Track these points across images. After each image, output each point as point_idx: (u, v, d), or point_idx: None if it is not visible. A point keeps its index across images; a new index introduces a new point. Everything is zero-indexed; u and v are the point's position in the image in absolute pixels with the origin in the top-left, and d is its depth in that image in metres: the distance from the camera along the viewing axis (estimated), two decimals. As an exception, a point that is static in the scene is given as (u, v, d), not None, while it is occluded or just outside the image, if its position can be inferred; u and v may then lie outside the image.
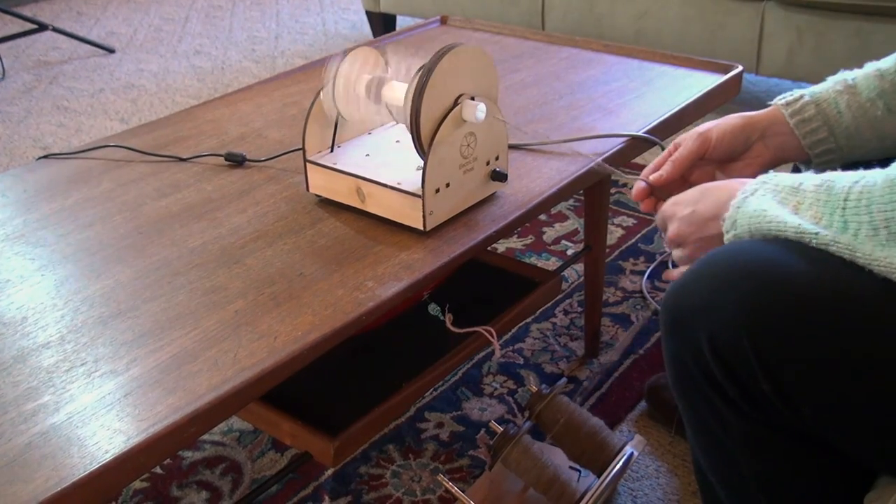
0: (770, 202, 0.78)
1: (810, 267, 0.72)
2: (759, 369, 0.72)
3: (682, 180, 1.00)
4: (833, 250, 0.73)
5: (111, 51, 3.45)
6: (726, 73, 1.43)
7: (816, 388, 0.70)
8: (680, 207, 0.88)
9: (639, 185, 1.00)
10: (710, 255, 0.77)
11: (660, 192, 1.00)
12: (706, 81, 1.41)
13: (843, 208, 0.73)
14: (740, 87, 1.45)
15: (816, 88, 0.98)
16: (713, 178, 1.01)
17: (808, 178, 0.78)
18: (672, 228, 0.89)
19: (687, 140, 0.99)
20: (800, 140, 0.98)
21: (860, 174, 0.75)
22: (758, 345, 0.71)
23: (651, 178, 1.00)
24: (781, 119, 0.98)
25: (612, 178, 1.10)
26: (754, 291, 0.71)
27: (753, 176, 0.97)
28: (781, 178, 0.80)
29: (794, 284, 0.71)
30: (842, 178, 0.75)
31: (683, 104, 1.32)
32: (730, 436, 0.79)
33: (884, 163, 0.75)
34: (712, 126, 0.99)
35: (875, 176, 0.73)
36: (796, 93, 0.99)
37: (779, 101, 0.99)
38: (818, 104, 0.97)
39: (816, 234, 0.74)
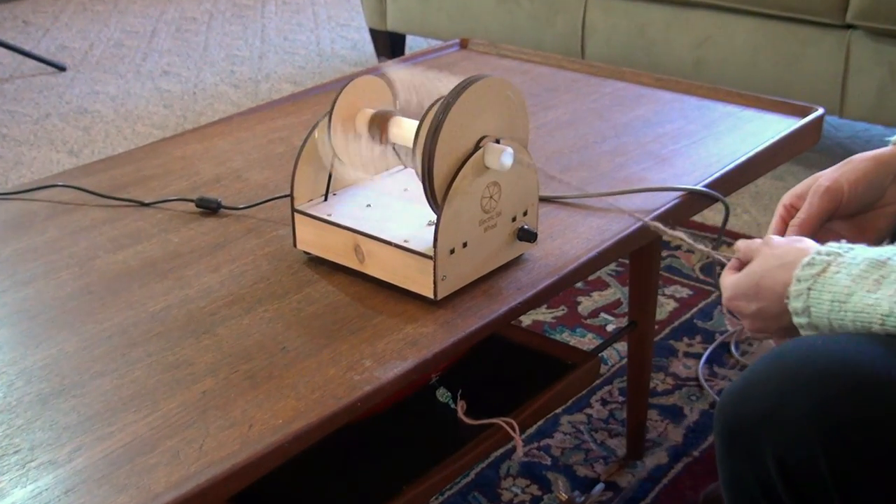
0: (848, 281, 0.79)
1: None
2: (837, 494, 0.71)
3: None
4: None
5: (62, 68, 3.51)
6: (804, 115, 1.44)
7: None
8: (742, 304, 0.89)
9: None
10: (777, 350, 0.78)
11: None
12: (780, 126, 1.42)
13: None
14: (821, 133, 1.47)
15: None
16: (840, 238, 1.01)
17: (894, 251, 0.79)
18: (747, 325, 0.91)
19: (812, 198, 0.97)
20: None
21: None
22: (836, 464, 0.71)
23: None
24: None
25: (667, 240, 1.10)
26: (833, 397, 0.71)
27: (886, 228, 0.98)
28: (858, 251, 0.81)
29: (884, 387, 0.71)
30: None
31: (752, 153, 1.33)
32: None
33: None
34: (837, 175, 0.98)
35: None
36: None
37: None
38: None
39: None
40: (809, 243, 0.87)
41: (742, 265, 0.95)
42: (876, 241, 1.01)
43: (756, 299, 0.88)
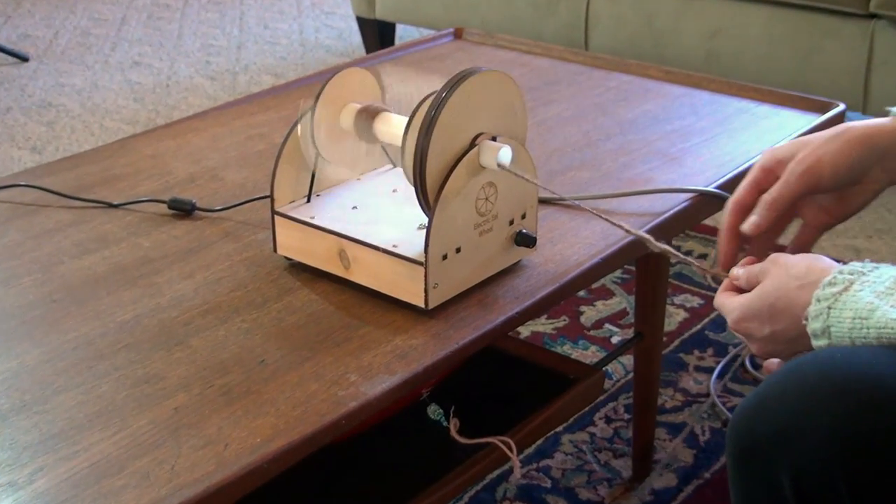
0: (872, 297, 0.79)
1: None
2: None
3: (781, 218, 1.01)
4: None
5: (24, 59, 3.51)
6: (824, 112, 1.45)
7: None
8: (753, 326, 0.89)
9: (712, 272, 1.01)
10: (793, 363, 0.78)
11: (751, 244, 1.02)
12: (798, 123, 1.43)
13: None
14: (842, 130, 1.47)
15: None
16: (816, 206, 1.02)
17: None
18: (756, 349, 0.91)
19: (791, 174, 0.99)
20: None
21: None
22: (856, 486, 0.71)
23: (743, 227, 1.00)
24: None
25: (677, 245, 1.11)
26: (853, 413, 0.72)
27: (865, 203, 0.99)
28: (884, 270, 0.81)
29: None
30: None
31: (767, 152, 1.33)
32: None
33: None
34: (821, 153, 0.98)
35: None
36: None
37: None
38: None
39: None
40: (829, 262, 0.87)
41: (735, 287, 0.96)
42: (850, 213, 1.03)
43: (770, 322, 0.88)
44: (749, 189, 1.02)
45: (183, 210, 1.22)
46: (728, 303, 0.94)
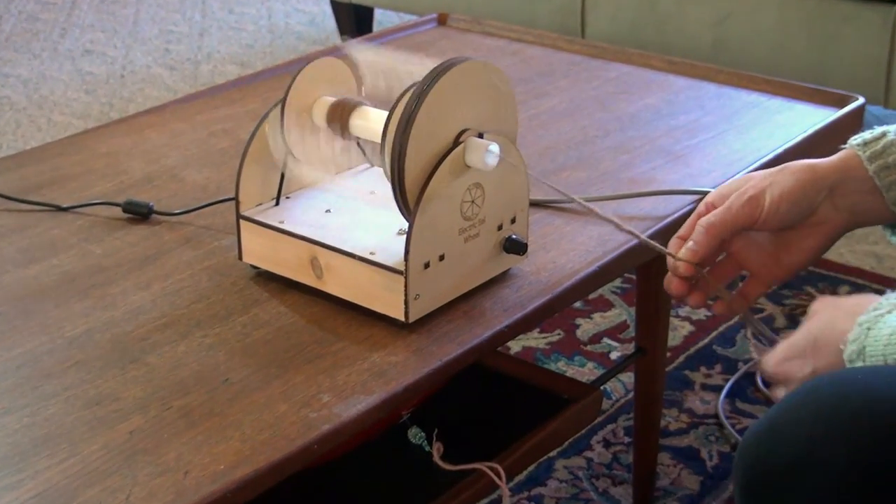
0: None
1: None
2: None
3: (718, 250, 1.03)
4: None
5: (-37, 47, 3.50)
6: (841, 105, 1.45)
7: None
8: (794, 366, 0.89)
9: (676, 266, 1.02)
10: (810, 384, 0.78)
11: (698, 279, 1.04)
12: (813, 118, 1.43)
13: None
14: (861, 125, 1.47)
15: None
16: (762, 251, 1.04)
17: None
18: (791, 390, 0.91)
19: (733, 202, 1.01)
20: (883, 195, 1.00)
21: None
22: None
23: (680, 253, 1.02)
24: (858, 167, 1.01)
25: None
26: (874, 442, 0.72)
27: (817, 249, 1.00)
28: None
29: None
30: None
31: (780, 150, 1.34)
32: None
33: None
34: (766, 184, 1.01)
35: None
36: (878, 130, 1.02)
37: (855, 141, 1.02)
38: None
39: None
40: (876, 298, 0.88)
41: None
42: (799, 262, 1.05)
43: (813, 357, 0.88)
44: (690, 224, 1.05)
45: (139, 214, 1.22)
46: (771, 356, 0.94)
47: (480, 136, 1.03)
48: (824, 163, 1.02)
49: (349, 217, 1.09)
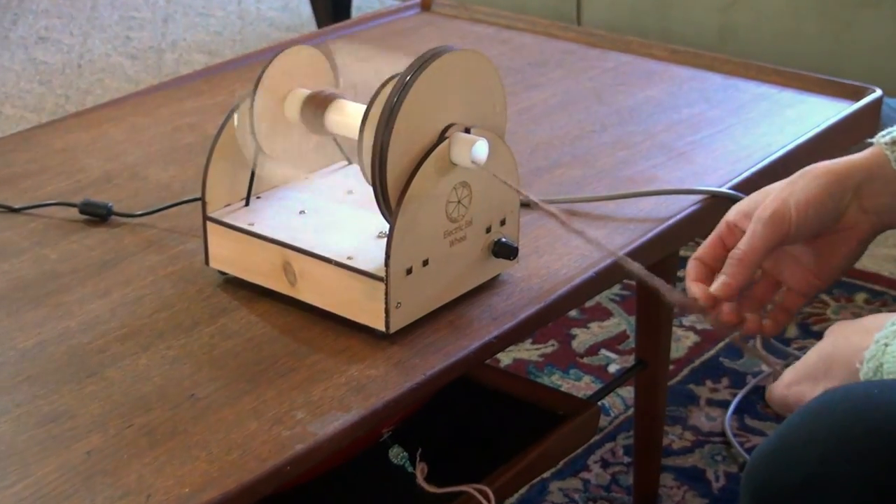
0: None
1: None
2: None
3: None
4: None
5: None
6: (857, 98, 1.46)
7: None
8: (805, 389, 0.89)
9: (699, 306, 1.01)
10: (822, 399, 0.78)
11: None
12: (827, 111, 1.44)
13: None
14: (879, 120, 1.48)
15: None
16: (797, 264, 1.04)
17: None
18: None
19: (757, 226, 1.00)
20: None
21: None
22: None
23: (713, 289, 1.00)
24: (885, 166, 1.00)
25: (684, 255, 1.12)
26: (893, 461, 0.72)
27: (851, 255, 1.00)
28: None
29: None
30: None
31: (792, 146, 1.35)
32: None
33: None
34: (786, 195, 1.00)
35: None
36: None
37: (883, 139, 1.02)
38: None
39: None
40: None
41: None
42: (836, 270, 1.04)
43: (826, 378, 0.88)
44: (712, 245, 1.03)
45: (97, 215, 1.22)
46: (783, 379, 0.94)
47: (467, 131, 1.03)
48: (847, 161, 1.01)
49: (325, 219, 1.09)
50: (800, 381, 0.91)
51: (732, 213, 1.04)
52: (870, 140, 1.04)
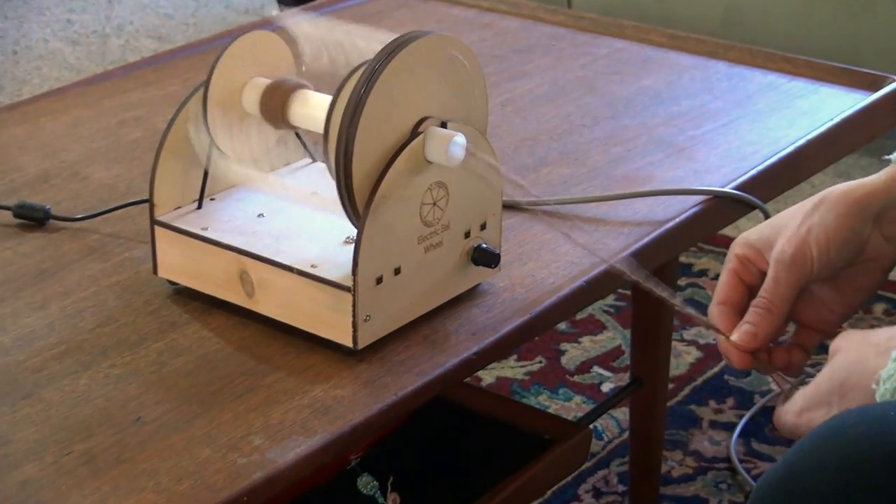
0: None
1: None
2: None
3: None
4: None
5: None
6: (874, 88, 1.46)
7: None
8: (818, 415, 0.89)
9: (733, 352, 1.01)
10: (834, 422, 0.78)
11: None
12: (841, 103, 1.44)
13: None
14: (897, 112, 1.49)
15: None
16: (813, 301, 1.04)
17: None
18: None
19: (779, 273, 1.00)
20: None
21: None
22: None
23: (736, 337, 1.00)
24: None
25: (687, 262, 1.11)
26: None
27: (871, 288, 1.01)
28: None
29: None
30: None
31: (803, 141, 1.35)
32: None
33: None
34: (804, 232, 1.00)
35: None
36: None
37: None
38: None
39: None
40: None
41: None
42: (854, 304, 1.05)
43: (840, 402, 0.88)
44: (730, 285, 1.03)
45: (33, 219, 1.22)
46: (792, 405, 0.94)
47: (444, 125, 1.03)
48: (864, 186, 1.01)
49: (286, 223, 1.09)
50: (812, 407, 0.91)
51: (741, 247, 1.03)
52: (887, 157, 1.04)
